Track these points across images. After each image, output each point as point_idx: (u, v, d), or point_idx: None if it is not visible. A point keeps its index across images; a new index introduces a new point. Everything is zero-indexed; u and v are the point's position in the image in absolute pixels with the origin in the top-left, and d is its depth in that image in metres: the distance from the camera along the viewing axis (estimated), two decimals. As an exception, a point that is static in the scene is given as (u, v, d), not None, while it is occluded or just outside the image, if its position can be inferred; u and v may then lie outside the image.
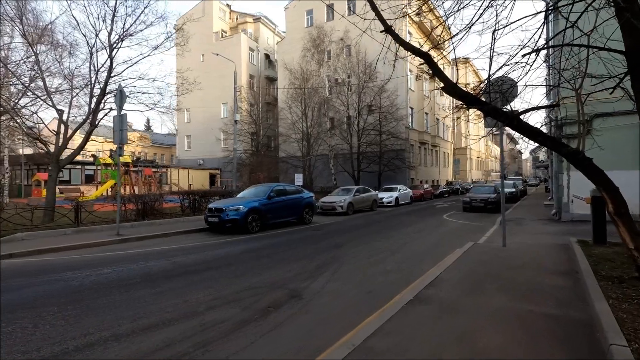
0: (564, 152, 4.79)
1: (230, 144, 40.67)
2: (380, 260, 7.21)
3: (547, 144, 4.91)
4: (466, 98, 5.16)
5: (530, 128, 5.01)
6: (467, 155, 55.37)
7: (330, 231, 11.72)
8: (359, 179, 30.25)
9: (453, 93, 5.20)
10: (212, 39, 47.10)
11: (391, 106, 29.96)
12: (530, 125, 5.11)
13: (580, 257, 5.99)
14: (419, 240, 9.66)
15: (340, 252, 8.00)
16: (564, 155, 4.84)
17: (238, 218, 10.91)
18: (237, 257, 7.58)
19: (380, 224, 13.48)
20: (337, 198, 17.25)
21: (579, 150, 4.83)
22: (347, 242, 9.45)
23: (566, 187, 11.64)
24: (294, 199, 13.19)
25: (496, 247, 7.72)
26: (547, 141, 4.90)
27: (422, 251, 8.12)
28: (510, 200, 21.90)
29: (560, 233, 9.68)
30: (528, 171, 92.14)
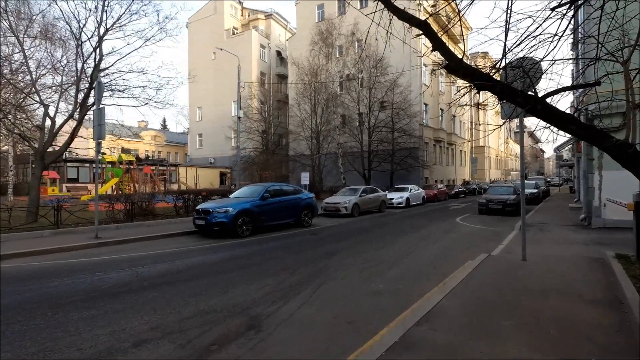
0: (607, 146, 3.58)
1: (242, 142, 40.14)
2: (375, 275, 6.10)
3: (582, 135, 3.71)
4: (474, 76, 4.02)
5: (560, 114, 3.83)
6: (486, 153, 53.16)
7: (329, 236, 10.65)
8: (370, 178, 29.04)
9: (459, 71, 4.08)
10: (224, 36, 46.67)
11: (404, 102, 28.57)
12: (561, 110, 3.93)
13: (622, 278, 4.73)
14: (425, 248, 8.48)
15: (331, 263, 6.94)
16: (605, 150, 3.64)
17: (226, 221, 9.98)
18: (210, 268, 6.62)
19: (385, 228, 12.31)
20: (341, 199, 16.15)
21: (629, 143, 3.62)
22: (343, 249, 8.37)
23: (597, 189, 10.20)
24: (292, 200, 12.17)
25: (515, 260, 6.48)
26: (582, 131, 3.69)
27: (426, 263, 6.96)
28: (532, 202, 20.26)
29: (591, 243, 8.31)
30: (550, 170, 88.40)
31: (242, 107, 39.44)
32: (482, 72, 4.19)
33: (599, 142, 3.69)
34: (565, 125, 3.76)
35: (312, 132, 31.08)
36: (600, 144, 3.67)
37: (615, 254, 6.20)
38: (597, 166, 10.20)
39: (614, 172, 9.90)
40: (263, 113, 38.14)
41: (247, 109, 37.22)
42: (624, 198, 8.52)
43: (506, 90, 3.92)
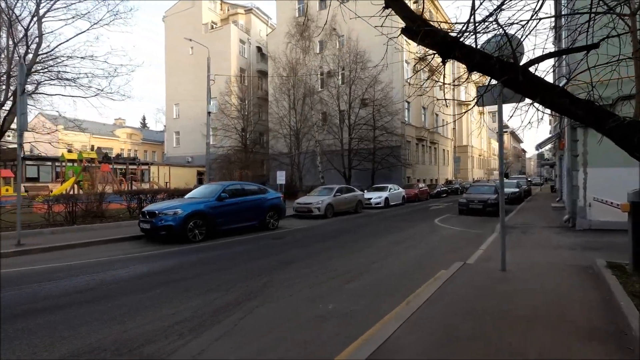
0: (610, 127, 2.63)
1: (219, 140, 38.72)
2: (330, 290, 5.07)
3: (576, 112, 2.75)
4: (438, 39, 3.02)
5: (548, 86, 2.87)
6: (469, 153, 53.07)
7: (293, 240, 9.58)
8: (350, 177, 28.13)
9: (419, 34, 3.09)
10: (202, 30, 45.01)
11: (385, 99, 27.73)
12: (548, 82, 2.97)
13: (620, 297, 3.83)
14: (396, 255, 7.50)
15: (282, 275, 5.87)
16: (607, 133, 2.70)
17: (174, 224, 8.80)
18: (131, 284, 5.46)
19: (358, 231, 11.32)
20: (314, 199, 15.10)
21: (637, 122, 2.68)
22: (304, 257, 7.32)
23: (582, 188, 9.45)
24: (255, 201, 11.05)
25: (493, 271, 5.55)
26: (577, 107, 2.73)
27: (395, 274, 5.96)
28: (514, 202, 19.67)
29: (579, 247, 7.49)
30: (532, 170, 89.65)
31: (220, 104, 38.18)
32: (447, 35, 3.18)
33: (599, 121, 2.73)
34: (554, 100, 2.79)
35: (290, 129, 29.96)
36: (601, 124, 2.71)
37: (606, 262, 5.34)
38: (581, 163, 9.45)
39: (600, 169, 9.17)
40: (242, 110, 36.77)
41: (225, 105, 35.87)
42: (612, 197, 7.76)
43: (477, 56, 2.94)
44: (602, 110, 2.74)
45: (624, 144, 2.67)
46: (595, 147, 9.23)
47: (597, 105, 2.78)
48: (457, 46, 2.96)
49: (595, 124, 2.76)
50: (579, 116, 2.76)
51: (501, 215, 5.56)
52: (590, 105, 2.74)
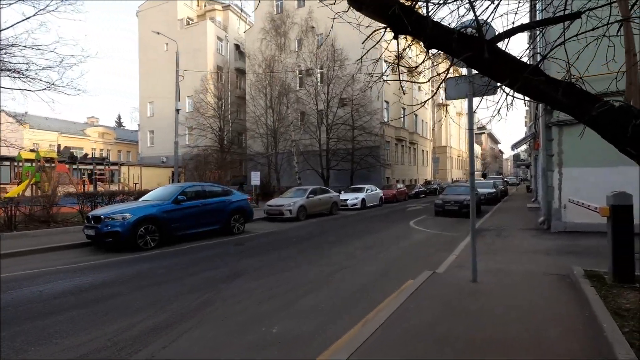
0: (597, 114, 2.07)
1: (194, 140, 37.45)
2: (277, 309, 4.40)
3: (554, 95, 2.18)
4: (384, 11, 2.40)
5: (519, 64, 2.30)
6: (448, 153, 53.51)
7: (256, 247, 8.86)
8: (328, 178, 27.55)
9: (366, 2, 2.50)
10: (177, 26, 43.61)
11: (363, 98, 27.28)
12: (519, 60, 2.39)
13: (603, 317, 3.32)
14: (363, 263, 6.90)
15: (229, 290, 5.17)
16: (590, 122, 2.15)
17: (121, 230, 7.93)
18: (44, 305, 4.62)
19: (329, 235, 10.70)
20: (286, 200, 14.41)
21: (631, 107, 2.14)
22: (259, 267, 6.63)
23: (557, 189, 9.14)
24: (217, 203, 10.25)
25: (463, 282, 5.02)
26: (554, 89, 2.16)
27: (359, 286, 5.34)
28: (490, 202, 19.55)
29: (554, 252, 7.10)
30: (509, 170, 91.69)
31: (195, 102, 36.95)
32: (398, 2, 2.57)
33: (582, 107, 2.17)
34: (526, 81, 2.22)
35: (267, 129, 29.13)
36: (584, 111, 2.16)
37: (584, 271, 4.88)
38: (556, 163, 9.14)
39: (576, 169, 8.87)
40: (219, 109, 35.65)
41: (200, 103, 34.74)
42: (588, 198, 7.40)
43: (432, 26, 2.34)
44: (585, 93, 2.18)
45: (613, 136, 2.13)
46: (570, 147, 8.94)
47: (579, 87, 2.22)
48: (411, 18, 2.35)
49: (577, 111, 2.21)
50: (556, 101, 2.20)
51: (472, 221, 5.03)
52: (571, 88, 2.18)
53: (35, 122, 45.74)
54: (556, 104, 2.26)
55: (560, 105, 2.24)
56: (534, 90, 2.25)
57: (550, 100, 2.26)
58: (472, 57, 2.29)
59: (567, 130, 8.94)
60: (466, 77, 4.98)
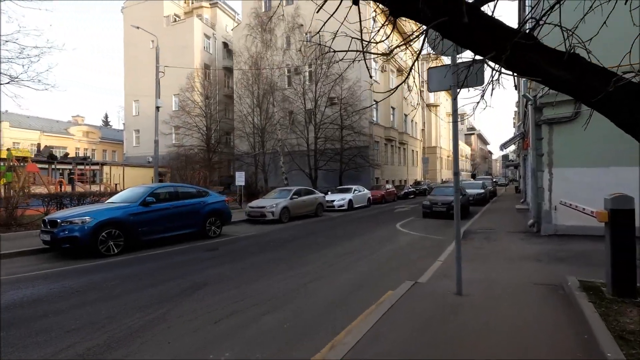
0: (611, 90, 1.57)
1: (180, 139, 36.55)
2: (234, 329, 3.84)
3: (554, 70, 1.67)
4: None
5: (507, 31, 1.79)
6: (437, 154, 53.44)
7: (227, 253, 8.25)
8: (316, 178, 27.03)
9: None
10: (163, 23, 42.65)
11: (352, 97, 26.79)
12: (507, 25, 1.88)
13: (606, 343, 2.84)
14: (341, 271, 6.37)
15: (185, 305, 4.58)
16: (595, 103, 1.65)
17: (79, 235, 7.27)
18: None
19: (310, 239, 10.15)
20: (269, 202, 13.81)
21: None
22: (226, 277, 6.05)
23: (547, 190, 8.74)
24: (191, 205, 9.63)
25: (447, 296, 4.51)
26: (553, 61, 1.66)
27: (327, 301, 4.80)
28: (479, 203, 19.22)
29: (545, 257, 6.66)
30: (498, 171, 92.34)
31: (181, 100, 36.08)
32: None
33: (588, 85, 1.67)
34: (517, 53, 1.71)
35: (254, 128, 28.45)
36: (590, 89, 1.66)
37: (579, 282, 4.42)
38: (546, 163, 8.74)
39: (567, 169, 8.48)
40: (206, 107, 34.82)
41: (186, 102, 33.93)
42: (579, 200, 7.00)
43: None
44: (592, 66, 1.68)
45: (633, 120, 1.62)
46: (561, 146, 8.55)
47: (585, 59, 1.72)
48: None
49: (582, 89, 1.70)
50: (555, 77, 1.70)
51: (456, 228, 4.53)
52: (575, 60, 1.68)
53: (15, 120, 44.31)
54: (554, 81, 1.76)
55: (559, 82, 1.73)
56: (526, 62, 1.74)
57: (547, 76, 1.75)
58: (448, 24, 1.78)
59: (558, 128, 8.55)
60: (449, 67, 4.49)
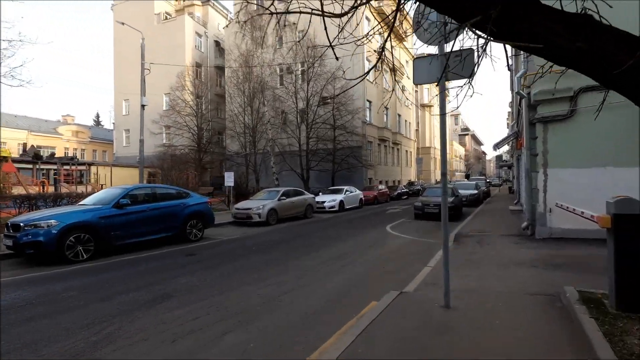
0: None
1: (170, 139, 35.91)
2: (188, 353, 3.38)
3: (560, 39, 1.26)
4: None
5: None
6: (431, 154, 53.26)
7: (209, 257, 7.77)
8: (308, 178, 26.59)
9: None
10: (154, 21, 42.00)
11: (344, 96, 26.34)
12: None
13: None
14: (324, 278, 5.93)
15: (143, 320, 4.11)
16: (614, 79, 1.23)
17: (43, 240, 6.75)
18: None
19: (295, 242, 9.70)
20: (255, 203, 13.33)
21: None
22: (199, 285, 5.58)
23: (542, 191, 8.37)
24: (170, 207, 9.13)
25: (434, 308, 4.09)
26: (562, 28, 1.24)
27: (303, 316, 4.34)
28: (472, 204, 18.90)
29: (540, 263, 6.26)
30: (492, 171, 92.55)
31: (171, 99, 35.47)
32: None
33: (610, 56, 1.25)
34: (513, 13, 1.27)
35: (245, 127, 27.93)
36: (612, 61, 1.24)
37: (578, 293, 4.02)
38: (541, 163, 8.37)
39: (563, 170, 8.12)
40: (197, 107, 34.19)
41: (176, 101, 33.36)
42: (575, 201, 6.63)
43: None
44: (614, 31, 1.25)
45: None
46: (556, 145, 8.19)
47: (604, 23, 1.29)
48: None
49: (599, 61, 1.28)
50: (563, 48, 1.27)
51: (444, 236, 4.11)
52: (589, 22, 1.25)
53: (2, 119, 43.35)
54: (559, 51, 1.32)
55: (566, 52, 1.30)
56: (524, 28, 1.30)
57: (550, 45, 1.31)
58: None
59: (553, 127, 8.18)
60: (436, 56, 4.07)
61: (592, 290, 4.05)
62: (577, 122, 7.92)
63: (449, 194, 14.20)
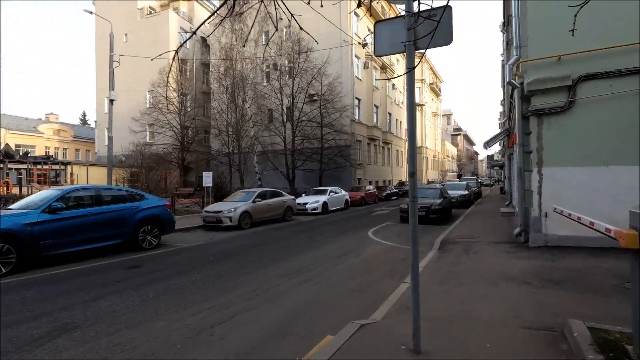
0: None
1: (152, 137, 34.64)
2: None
3: None
4: None
5: None
6: (423, 154, 52.49)
7: (155, 270, 6.68)
8: (294, 178, 25.55)
9: None
10: (137, 16, 40.68)
11: (331, 93, 25.35)
12: None
13: None
14: (275, 300, 4.90)
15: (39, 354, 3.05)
16: None
17: (-56, 254, 5.63)
18: None
19: (260, 251, 8.65)
20: (227, 206, 12.25)
21: None
22: (120, 311, 4.52)
23: (536, 193, 7.44)
24: (118, 211, 8.02)
25: (399, 354, 3.09)
26: None
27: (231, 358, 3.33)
28: (463, 205, 18.03)
29: (535, 278, 5.30)
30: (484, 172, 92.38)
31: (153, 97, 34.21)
32: None
33: None
34: None
35: (228, 125, 26.77)
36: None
37: (589, 331, 3.05)
38: (535, 161, 7.43)
39: (558, 168, 7.20)
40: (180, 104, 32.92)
41: (158, 98, 32.15)
42: (573, 206, 5.74)
43: None
44: None
45: None
46: (552, 141, 7.26)
47: None
48: None
49: None
50: None
51: (413, 258, 3.12)
52: None
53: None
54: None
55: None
56: None
57: None
58: None
59: (548, 121, 7.25)
60: (402, 19, 3.07)
61: (606, 328, 3.08)
62: (576, 115, 7.00)
63: (437, 195, 13.27)
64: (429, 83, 55.61)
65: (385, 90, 37.39)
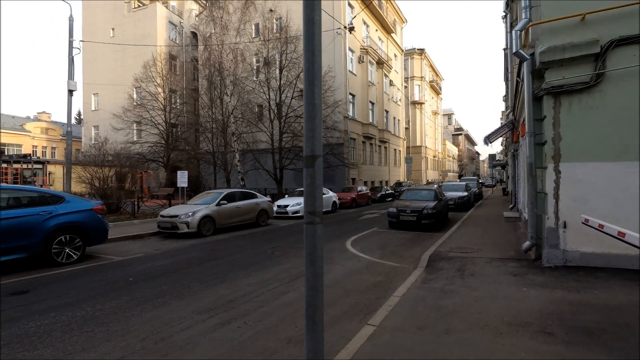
0: None
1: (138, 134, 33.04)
2: None
3: None
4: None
5: None
6: (422, 154, 50.74)
7: (42, 299, 5.00)
8: (282, 178, 23.87)
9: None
10: (124, 10, 39.09)
11: (321, 88, 23.62)
12: None
13: None
14: (177, 351, 3.21)
15: None
16: None
17: None
18: None
19: (201, 269, 6.95)
20: (185, 209, 10.55)
21: None
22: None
23: (552, 197, 5.73)
24: (19, 218, 6.34)
25: None
26: None
27: None
28: (461, 208, 16.31)
29: (560, 329, 3.58)
30: (486, 172, 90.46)
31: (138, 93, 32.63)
32: None
33: None
34: None
35: (212, 122, 25.12)
36: None
37: None
38: (551, 155, 5.71)
39: (582, 165, 5.47)
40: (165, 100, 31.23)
41: (142, 94, 30.59)
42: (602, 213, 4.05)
43: None
44: None
45: None
46: (572, 129, 5.53)
47: None
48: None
49: None
50: None
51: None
52: None
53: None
54: None
55: None
56: None
57: None
58: None
59: (568, 101, 5.53)
60: None
61: None
62: (606, 93, 5.27)
63: (431, 197, 11.58)
64: (428, 80, 53.87)
65: (381, 86, 35.66)
